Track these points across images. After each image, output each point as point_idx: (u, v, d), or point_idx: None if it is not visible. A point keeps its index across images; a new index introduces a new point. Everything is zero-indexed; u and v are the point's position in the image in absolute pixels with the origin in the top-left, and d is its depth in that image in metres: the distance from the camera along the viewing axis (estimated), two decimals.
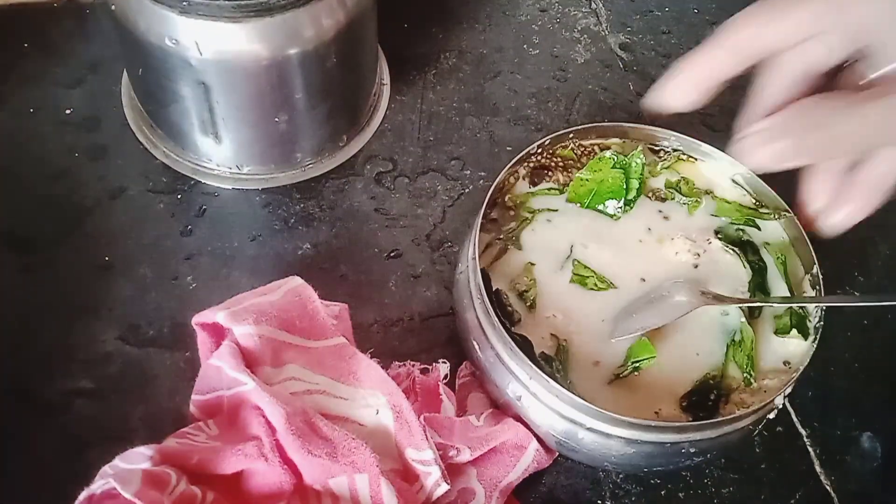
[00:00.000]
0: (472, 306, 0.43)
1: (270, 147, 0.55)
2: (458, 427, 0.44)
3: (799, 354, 0.42)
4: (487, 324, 0.42)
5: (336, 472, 0.40)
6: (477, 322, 0.42)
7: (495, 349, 0.41)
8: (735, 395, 0.42)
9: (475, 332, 0.43)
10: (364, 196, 0.56)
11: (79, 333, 0.49)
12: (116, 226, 0.53)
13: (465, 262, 0.44)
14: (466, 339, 0.44)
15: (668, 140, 0.49)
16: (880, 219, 0.39)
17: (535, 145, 0.47)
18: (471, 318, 0.43)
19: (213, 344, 0.46)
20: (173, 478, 0.39)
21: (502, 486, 0.43)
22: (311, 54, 0.50)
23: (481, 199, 0.44)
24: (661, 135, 0.49)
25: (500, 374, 0.42)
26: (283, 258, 0.53)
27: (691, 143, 0.48)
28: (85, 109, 0.58)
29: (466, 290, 0.43)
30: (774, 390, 0.41)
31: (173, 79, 0.50)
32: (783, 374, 0.42)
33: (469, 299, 0.43)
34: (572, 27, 0.67)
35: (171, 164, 0.56)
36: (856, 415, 0.49)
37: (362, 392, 0.45)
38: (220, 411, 0.44)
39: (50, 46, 0.61)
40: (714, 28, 0.37)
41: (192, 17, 0.46)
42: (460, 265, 0.46)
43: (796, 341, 0.43)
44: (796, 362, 0.42)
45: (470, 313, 0.43)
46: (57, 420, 0.46)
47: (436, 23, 0.66)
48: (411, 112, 0.61)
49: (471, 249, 0.43)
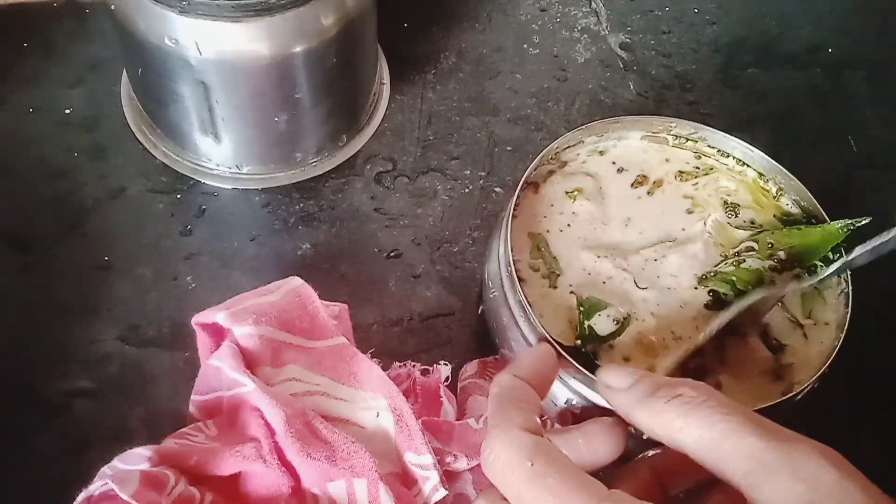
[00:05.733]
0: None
1: (270, 147, 0.55)
2: (457, 431, 0.44)
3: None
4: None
5: (334, 476, 0.40)
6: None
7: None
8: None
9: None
10: (364, 196, 0.56)
11: (79, 333, 0.49)
12: (116, 226, 0.53)
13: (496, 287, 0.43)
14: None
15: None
16: None
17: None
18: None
19: (212, 344, 0.45)
20: (171, 479, 0.39)
21: None
22: (311, 54, 0.50)
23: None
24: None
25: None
26: (282, 258, 0.53)
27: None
28: (85, 109, 0.58)
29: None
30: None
31: (173, 79, 0.50)
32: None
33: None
34: (572, 27, 0.67)
35: (171, 164, 0.56)
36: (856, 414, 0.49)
37: (363, 394, 0.45)
38: (219, 412, 0.44)
39: (50, 46, 0.61)
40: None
41: (192, 16, 0.46)
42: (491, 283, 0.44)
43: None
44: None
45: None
46: (57, 420, 0.46)
47: (436, 23, 0.66)
48: (411, 112, 0.61)
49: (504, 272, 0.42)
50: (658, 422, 0.30)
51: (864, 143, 0.63)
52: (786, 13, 0.70)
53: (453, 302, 0.52)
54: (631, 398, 0.32)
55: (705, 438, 0.29)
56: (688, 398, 0.30)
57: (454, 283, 0.53)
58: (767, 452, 0.27)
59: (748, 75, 0.66)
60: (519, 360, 0.37)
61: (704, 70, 0.66)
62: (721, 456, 0.28)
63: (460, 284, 0.53)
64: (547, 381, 0.37)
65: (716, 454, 0.28)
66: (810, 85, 0.66)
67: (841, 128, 0.64)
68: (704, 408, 0.29)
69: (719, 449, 0.28)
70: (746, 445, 0.28)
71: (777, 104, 0.65)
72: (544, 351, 0.38)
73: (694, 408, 0.29)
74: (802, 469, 0.27)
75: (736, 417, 0.29)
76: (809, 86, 0.66)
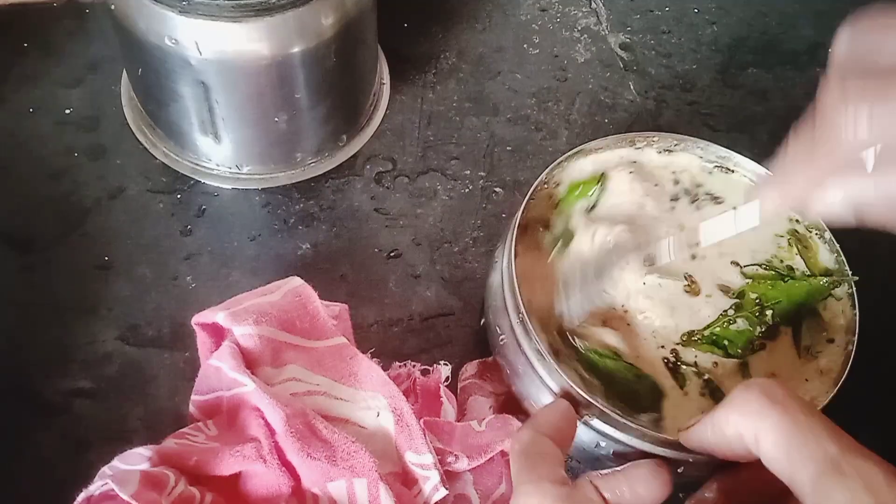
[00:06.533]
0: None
1: (270, 147, 0.55)
2: (459, 432, 0.44)
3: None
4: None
5: (335, 476, 0.40)
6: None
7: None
8: None
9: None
10: (364, 196, 0.56)
11: (78, 333, 0.49)
12: (116, 226, 0.53)
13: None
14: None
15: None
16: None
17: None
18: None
19: (212, 344, 0.45)
20: (171, 479, 0.39)
21: (495, 496, 0.43)
22: (311, 54, 0.50)
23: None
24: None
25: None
26: (282, 258, 0.53)
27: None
28: (85, 109, 0.58)
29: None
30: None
31: (173, 79, 0.50)
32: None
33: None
34: (572, 27, 0.67)
35: (171, 164, 0.56)
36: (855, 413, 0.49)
37: (363, 394, 0.45)
38: (219, 412, 0.44)
39: (50, 46, 0.61)
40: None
41: (192, 16, 0.46)
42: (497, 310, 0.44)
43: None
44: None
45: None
46: (57, 420, 0.46)
47: (436, 23, 0.66)
48: (411, 112, 0.61)
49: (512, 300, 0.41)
50: (740, 415, 0.31)
51: None
52: (786, 13, 0.70)
53: (453, 302, 0.52)
54: (714, 408, 0.32)
55: (782, 437, 0.29)
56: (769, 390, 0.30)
57: (454, 283, 0.53)
58: (842, 462, 0.28)
59: (748, 75, 0.66)
60: (537, 416, 0.37)
61: (704, 70, 0.66)
62: (797, 458, 0.29)
63: (460, 284, 0.53)
64: (568, 436, 0.36)
65: (791, 456, 0.29)
66: (810, 85, 0.66)
67: None
68: (790, 402, 0.30)
69: (795, 450, 0.29)
70: (824, 452, 0.28)
71: (777, 104, 0.65)
72: (563, 406, 0.37)
73: (775, 402, 0.30)
74: (874, 482, 0.27)
75: (816, 422, 0.29)
76: (809, 86, 0.66)
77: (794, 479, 0.28)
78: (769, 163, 0.35)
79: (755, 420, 0.30)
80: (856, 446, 0.28)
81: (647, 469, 0.33)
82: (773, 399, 0.30)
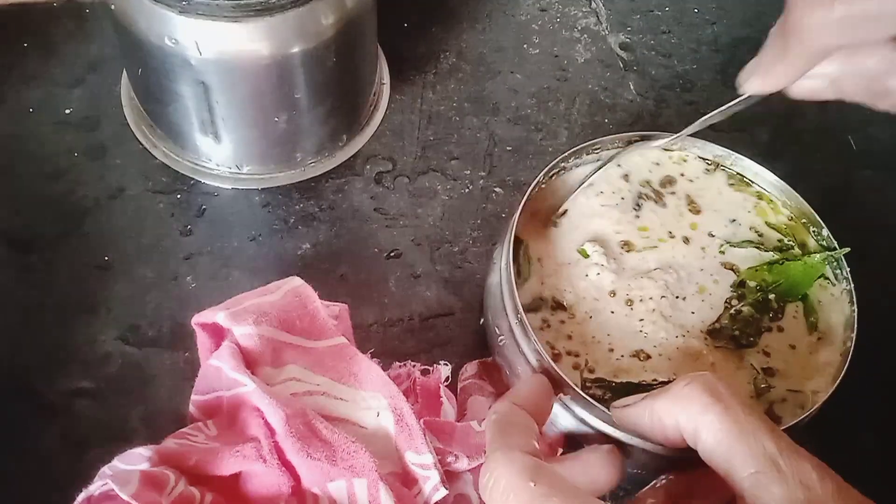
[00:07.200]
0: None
1: (270, 147, 0.55)
2: (459, 432, 0.44)
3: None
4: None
5: (335, 476, 0.40)
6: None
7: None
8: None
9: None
10: (364, 196, 0.56)
11: (79, 333, 0.49)
12: (116, 226, 0.53)
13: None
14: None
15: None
16: None
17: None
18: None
19: (212, 344, 0.45)
20: (172, 479, 0.39)
21: None
22: (311, 54, 0.50)
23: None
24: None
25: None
26: (282, 258, 0.53)
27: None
28: (85, 109, 0.58)
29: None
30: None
31: (173, 78, 0.50)
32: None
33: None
34: (572, 27, 0.67)
35: (171, 164, 0.56)
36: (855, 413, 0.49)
37: (363, 394, 0.45)
38: (219, 412, 0.44)
39: (50, 46, 0.61)
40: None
41: (192, 16, 0.46)
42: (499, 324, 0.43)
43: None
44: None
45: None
46: (57, 420, 0.46)
47: (436, 23, 0.66)
48: (411, 112, 0.61)
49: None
50: (682, 408, 0.31)
51: (864, 143, 0.63)
52: None
53: (453, 302, 0.52)
54: (653, 394, 0.33)
55: (723, 433, 0.30)
56: (712, 387, 0.31)
57: (454, 283, 0.53)
58: (780, 458, 0.29)
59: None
60: (516, 389, 0.38)
61: (704, 70, 0.66)
62: (736, 454, 0.29)
63: (460, 284, 0.53)
64: (544, 411, 0.37)
65: (730, 451, 0.30)
66: None
67: (841, 128, 0.64)
68: (731, 399, 0.31)
69: (735, 446, 0.29)
70: (762, 448, 0.29)
71: (777, 104, 0.64)
72: (541, 380, 0.38)
73: (718, 399, 0.30)
74: (808, 478, 0.28)
75: (756, 419, 0.30)
76: None
77: (733, 474, 0.29)
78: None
79: (696, 414, 0.31)
80: (792, 445, 0.30)
81: (600, 454, 0.35)
82: (715, 395, 0.31)
